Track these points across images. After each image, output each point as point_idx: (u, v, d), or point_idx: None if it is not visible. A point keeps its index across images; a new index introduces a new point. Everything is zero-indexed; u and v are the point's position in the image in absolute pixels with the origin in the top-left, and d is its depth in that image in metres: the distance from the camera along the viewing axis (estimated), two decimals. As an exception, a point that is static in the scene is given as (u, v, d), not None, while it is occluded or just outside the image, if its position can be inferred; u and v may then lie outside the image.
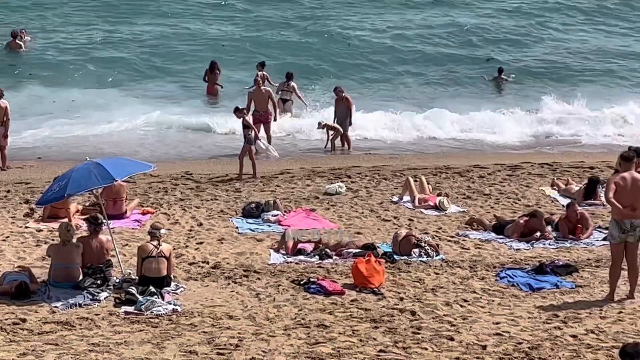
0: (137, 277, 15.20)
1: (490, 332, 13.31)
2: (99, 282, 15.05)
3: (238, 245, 17.83)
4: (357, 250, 16.89)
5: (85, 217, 17.20)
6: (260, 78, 31.93)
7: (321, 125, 27.29)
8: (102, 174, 15.32)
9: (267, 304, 14.43)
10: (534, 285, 15.34)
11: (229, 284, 15.42)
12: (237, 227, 19.01)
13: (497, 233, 18.64)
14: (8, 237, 18.04)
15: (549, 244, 18.08)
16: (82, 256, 15.30)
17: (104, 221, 16.00)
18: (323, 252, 17.00)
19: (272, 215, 19.50)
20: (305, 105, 30.28)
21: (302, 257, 16.92)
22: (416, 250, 17.07)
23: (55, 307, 14.26)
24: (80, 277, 15.07)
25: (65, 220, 18.33)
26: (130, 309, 14.13)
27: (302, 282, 15.37)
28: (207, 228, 18.95)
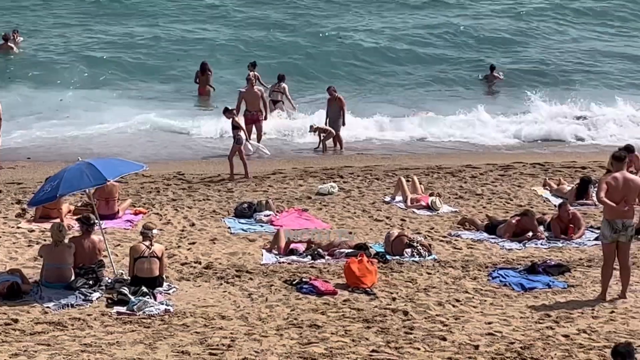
0: (129, 278, 15.18)
1: (483, 332, 13.32)
2: (91, 282, 15.03)
3: (230, 245, 17.82)
4: (350, 250, 16.89)
5: (78, 218, 17.18)
6: (253, 78, 31.90)
7: (313, 129, 27.26)
8: (94, 174, 15.29)
9: (259, 304, 14.42)
10: (526, 285, 15.35)
11: (221, 284, 15.41)
12: (229, 227, 19.00)
13: (489, 233, 18.65)
14: (0, 238, 18.00)
15: (541, 244, 18.09)
16: (74, 256, 15.28)
17: (96, 221, 15.98)
18: (315, 252, 16.99)
19: (265, 216, 19.49)
20: (293, 108, 30.22)
21: (294, 257, 16.91)
22: (408, 250, 17.07)
23: (48, 307, 14.23)
24: (73, 278, 15.05)
25: (58, 220, 18.29)
26: (123, 309, 14.12)
27: (294, 282, 15.36)
28: (199, 228, 18.93)
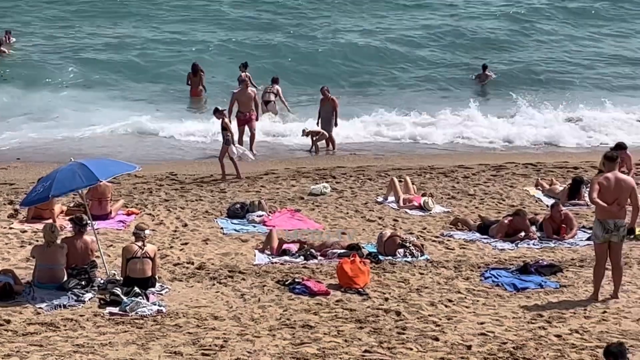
0: (122, 278, 15.16)
1: (475, 332, 13.33)
2: (83, 283, 15.01)
3: (223, 245, 17.81)
4: (342, 250, 16.90)
5: (70, 218, 17.15)
6: (246, 79, 31.89)
7: (305, 133, 27.24)
8: (86, 175, 15.26)
9: (252, 305, 14.42)
10: (519, 285, 15.37)
11: (213, 285, 15.40)
12: (222, 228, 19.00)
13: (482, 233, 18.67)
14: (-8, 238, 18.03)
15: (533, 244, 18.11)
16: (67, 257, 15.26)
17: (89, 222, 15.97)
18: (308, 253, 17.00)
19: (257, 216, 19.50)
20: (288, 110, 30.26)
21: (287, 258, 16.91)
22: (401, 251, 17.08)
23: (40, 308, 14.22)
24: (65, 278, 15.03)
25: (50, 221, 18.28)
26: (115, 309, 14.10)
27: (287, 283, 15.37)
28: (191, 229, 18.92)
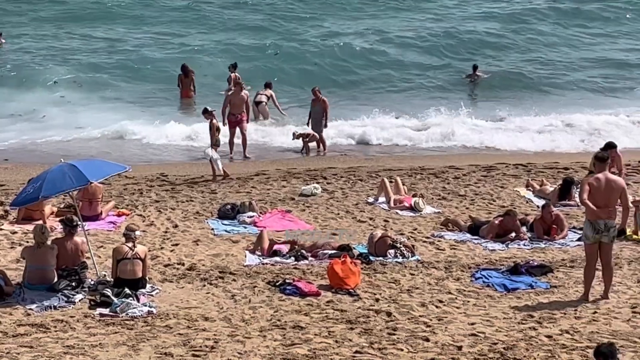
0: (112, 279, 15.14)
1: (466, 332, 13.34)
2: (73, 284, 14.99)
3: (213, 246, 17.80)
4: (333, 251, 16.90)
5: (60, 219, 17.12)
6: (233, 80, 31.90)
7: (296, 136, 27.23)
8: (76, 176, 15.24)
9: (242, 306, 14.41)
10: (509, 286, 15.38)
11: (204, 286, 15.39)
12: (212, 229, 18.98)
13: (472, 234, 18.68)
14: (-18, 239, 17.98)
15: (524, 245, 18.13)
16: (57, 258, 15.22)
17: (79, 223, 15.94)
18: (299, 254, 16.99)
19: (248, 217, 19.49)
20: (282, 113, 30.27)
21: (277, 259, 16.90)
22: (392, 251, 17.09)
23: (30, 309, 14.18)
24: (55, 279, 15.00)
25: (40, 222, 18.25)
26: (105, 311, 14.08)
27: (277, 284, 15.35)
28: (182, 230, 18.90)
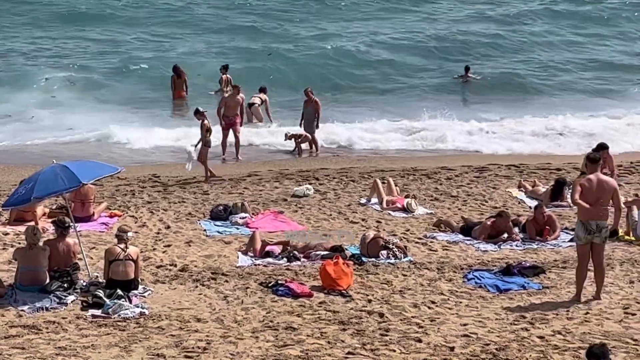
0: (104, 280, 15.12)
1: (458, 333, 13.34)
2: (65, 285, 14.96)
3: (206, 247, 17.79)
4: (325, 252, 16.90)
5: (53, 220, 17.09)
6: (225, 81, 31.86)
7: (288, 137, 27.21)
8: (68, 177, 15.22)
9: (235, 307, 14.41)
10: (501, 287, 15.39)
11: (196, 287, 15.38)
12: (204, 230, 18.98)
13: (465, 235, 18.70)
14: (-26, 241, 17.95)
15: (516, 246, 18.14)
16: (49, 259, 15.19)
17: (71, 224, 15.91)
18: (291, 255, 16.99)
19: (240, 218, 19.48)
20: (270, 121, 30.04)
21: (270, 260, 16.89)
22: (384, 252, 17.09)
23: (22, 310, 14.16)
24: (47, 281, 14.98)
25: (32, 223, 18.22)
26: (98, 312, 14.06)
27: (270, 285, 15.35)
28: (174, 231, 18.89)
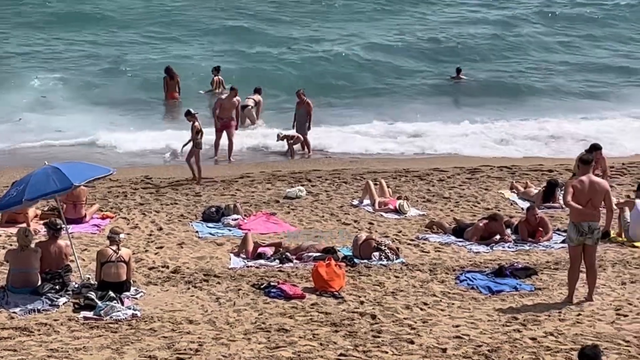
0: (96, 282, 15.09)
1: (450, 335, 13.35)
2: (57, 287, 14.93)
3: (198, 249, 17.77)
4: (318, 254, 16.90)
5: (44, 222, 17.08)
6: (216, 83, 31.81)
7: (280, 138, 27.22)
8: (60, 179, 15.17)
9: (227, 309, 14.39)
10: (494, 288, 15.40)
11: (189, 289, 15.36)
12: (197, 232, 18.97)
13: (457, 236, 18.71)
14: (-35, 243, 17.91)
15: (508, 247, 18.16)
16: (41, 261, 15.16)
17: (63, 226, 15.88)
18: (283, 256, 16.98)
19: (232, 219, 19.47)
20: (254, 122, 29.86)
21: (262, 261, 16.89)
22: (376, 254, 17.09)
23: (14, 312, 14.13)
24: (39, 283, 14.94)
25: (24, 225, 18.19)
26: (90, 314, 14.04)
27: (262, 286, 15.34)
28: (167, 232, 18.87)
